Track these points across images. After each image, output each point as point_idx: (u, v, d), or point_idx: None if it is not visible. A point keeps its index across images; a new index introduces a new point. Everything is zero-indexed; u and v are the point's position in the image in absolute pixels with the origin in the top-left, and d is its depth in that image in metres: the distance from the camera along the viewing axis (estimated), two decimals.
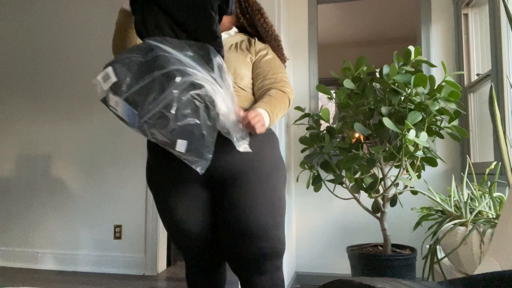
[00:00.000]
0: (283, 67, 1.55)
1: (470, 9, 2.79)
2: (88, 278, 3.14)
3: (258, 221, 1.37)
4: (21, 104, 3.57)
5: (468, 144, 2.71)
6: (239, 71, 1.44)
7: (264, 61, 1.50)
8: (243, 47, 1.52)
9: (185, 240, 1.50)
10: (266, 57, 1.51)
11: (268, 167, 1.41)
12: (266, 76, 1.47)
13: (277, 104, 1.38)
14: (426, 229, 1.90)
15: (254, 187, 1.38)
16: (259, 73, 1.48)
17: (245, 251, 1.39)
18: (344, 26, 4.90)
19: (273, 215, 1.40)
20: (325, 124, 2.47)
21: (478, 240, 1.50)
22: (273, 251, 1.40)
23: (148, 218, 3.27)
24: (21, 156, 3.57)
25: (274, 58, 1.53)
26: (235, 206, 1.38)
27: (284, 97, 1.43)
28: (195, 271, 1.55)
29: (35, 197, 3.49)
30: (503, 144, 1.69)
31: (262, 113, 1.30)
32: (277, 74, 1.48)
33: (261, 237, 1.38)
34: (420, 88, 2.13)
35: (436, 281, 0.86)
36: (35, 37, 3.57)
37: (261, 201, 1.38)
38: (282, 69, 1.53)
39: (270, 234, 1.39)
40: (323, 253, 2.98)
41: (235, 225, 1.38)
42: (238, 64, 1.45)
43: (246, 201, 1.37)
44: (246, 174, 1.37)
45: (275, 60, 1.53)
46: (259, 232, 1.37)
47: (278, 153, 1.49)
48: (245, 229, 1.37)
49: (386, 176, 2.31)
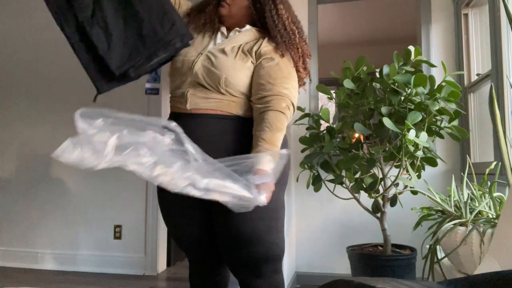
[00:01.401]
0: (289, 75, 1.38)
1: (470, 9, 2.79)
2: (88, 278, 3.14)
3: (249, 226, 1.32)
4: (21, 105, 3.57)
5: (468, 144, 2.71)
6: (231, 80, 1.35)
7: (265, 68, 1.36)
8: (246, 49, 1.39)
9: (186, 242, 1.51)
10: (269, 63, 1.36)
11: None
12: (263, 87, 1.34)
13: (276, 131, 1.31)
14: (426, 229, 1.90)
15: None
16: (257, 82, 1.36)
17: (240, 256, 1.38)
18: (344, 26, 4.90)
19: (265, 220, 1.35)
20: (325, 124, 2.47)
21: (478, 240, 1.50)
22: (268, 255, 1.36)
23: (148, 218, 3.27)
24: (21, 156, 3.57)
25: (280, 64, 1.37)
26: (226, 211, 1.33)
27: (281, 117, 1.32)
28: (198, 271, 1.55)
29: (35, 197, 3.49)
30: (503, 144, 1.69)
31: (267, 163, 1.23)
32: (276, 85, 1.33)
33: (254, 242, 1.34)
34: (420, 88, 2.13)
35: (436, 281, 0.86)
36: (35, 38, 3.57)
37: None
38: (286, 78, 1.36)
39: (263, 239, 1.35)
40: (323, 253, 2.98)
41: (227, 231, 1.37)
42: (232, 72, 1.35)
43: None
44: None
45: (280, 66, 1.36)
46: (251, 238, 1.33)
47: None
48: (237, 234, 1.34)
49: (386, 176, 2.31)
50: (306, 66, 1.47)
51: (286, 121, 1.35)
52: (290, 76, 1.38)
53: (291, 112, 1.36)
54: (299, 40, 1.43)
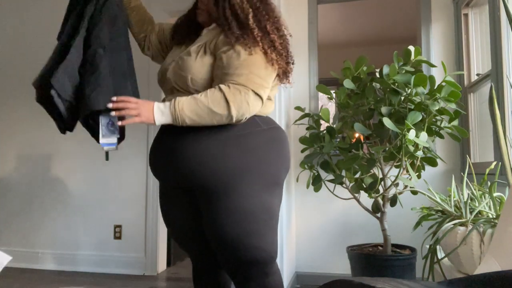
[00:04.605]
0: (245, 62, 1.29)
1: (470, 9, 2.79)
2: (88, 278, 3.14)
3: (227, 231, 1.30)
4: (21, 105, 3.57)
5: (468, 144, 2.71)
6: (196, 78, 1.34)
7: (221, 59, 1.31)
8: (209, 45, 1.37)
9: (184, 242, 1.53)
10: (225, 54, 1.30)
11: (236, 171, 1.30)
12: (217, 77, 1.32)
13: (196, 103, 1.25)
14: (426, 229, 1.90)
15: (221, 194, 1.30)
16: (215, 73, 1.34)
17: (226, 259, 1.37)
18: (344, 26, 4.90)
19: (244, 224, 1.30)
20: (325, 124, 2.47)
21: (478, 240, 1.49)
22: (251, 259, 1.33)
23: (148, 218, 3.27)
24: (21, 156, 3.57)
25: (239, 54, 1.29)
26: (206, 216, 1.35)
27: (217, 96, 1.25)
28: (200, 270, 1.56)
29: (35, 197, 3.49)
30: (503, 144, 1.69)
31: (154, 106, 1.27)
32: (229, 74, 1.28)
33: (235, 246, 1.31)
34: (420, 88, 2.13)
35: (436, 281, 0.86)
36: (35, 38, 3.57)
37: (228, 209, 1.30)
38: (243, 68, 1.28)
39: (243, 243, 1.31)
40: (323, 253, 2.98)
41: (210, 235, 1.37)
42: (195, 70, 1.34)
43: (212, 211, 1.32)
44: (211, 181, 1.30)
45: (239, 56, 1.29)
46: (232, 242, 1.31)
47: (262, 153, 1.35)
48: (218, 238, 1.33)
49: (386, 176, 2.31)
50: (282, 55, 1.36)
51: (221, 100, 1.25)
52: (245, 63, 1.29)
53: (230, 102, 1.25)
54: (259, 28, 1.33)
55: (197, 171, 1.31)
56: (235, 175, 1.30)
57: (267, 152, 1.37)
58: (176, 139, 1.35)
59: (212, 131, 1.32)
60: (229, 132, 1.33)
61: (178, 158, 1.34)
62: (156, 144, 1.45)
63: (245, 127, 1.35)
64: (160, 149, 1.42)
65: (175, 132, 1.35)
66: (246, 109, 1.28)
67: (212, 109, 1.26)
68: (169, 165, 1.37)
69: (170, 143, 1.37)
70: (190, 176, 1.33)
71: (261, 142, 1.37)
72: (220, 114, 1.27)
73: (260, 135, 1.37)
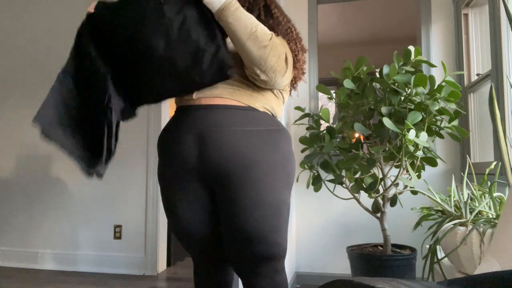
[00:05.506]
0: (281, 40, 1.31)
1: (470, 9, 2.79)
2: (88, 278, 3.14)
3: (252, 224, 1.32)
4: (21, 105, 3.57)
5: (468, 144, 2.71)
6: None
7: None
8: None
9: (189, 240, 1.51)
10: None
11: (266, 165, 1.34)
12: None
13: (250, 17, 1.23)
14: (426, 229, 1.90)
15: (249, 187, 1.31)
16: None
17: (241, 254, 1.37)
18: (344, 26, 4.90)
19: (268, 218, 1.33)
20: (325, 124, 2.47)
21: (478, 240, 1.50)
22: (270, 255, 1.35)
23: (148, 218, 3.27)
24: (21, 156, 3.57)
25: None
26: (229, 209, 1.35)
27: (267, 33, 1.24)
28: (202, 269, 1.56)
29: (35, 197, 3.49)
30: (503, 144, 1.69)
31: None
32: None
33: (258, 241, 1.33)
34: (420, 88, 2.13)
35: (436, 281, 0.86)
36: (35, 37, 3.57)
37: (256, 203, 1.32)
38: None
39: (267, 239, 1.33)
40: (323, 253, 2.98)
41: (229, 228, 1.36)
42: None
43: (238, 204, 1.32)
44: (241, 171, 1.31)
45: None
46: (254, 236, 1.32)
47: (285, 152, 1.40)
48: (239, 232, 1.33)
49: (386, 176, 2.31)
50: (300, 60, 1.42)
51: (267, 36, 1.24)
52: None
53: (272, 39, 1.25)
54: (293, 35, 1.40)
55: (231, 159, 1.31)
56: (265, 168, 1.33)
57: (288, 151, 1.42)
58: (208, 124, 1.33)
59: (244, 123, 1.34)
60: (259, 127, 1.35)
61: (213, 144, 1.31)
62: (178, 128, 1.40)
63: (271, 123, 1.38)
64: (187, 134, 1.37)
65: (204, 117, 1.34)
66: (278, 67, 1.28)
67: (256, 35, 1.23)
68: (201, 151, 1.34)
69: (200, 128, 1.34)
70: (223, 164, 1.32)
71: (283, 141, 1.41)
72: (258, 46, 1.23)
73: (281, 134, 1.41)
